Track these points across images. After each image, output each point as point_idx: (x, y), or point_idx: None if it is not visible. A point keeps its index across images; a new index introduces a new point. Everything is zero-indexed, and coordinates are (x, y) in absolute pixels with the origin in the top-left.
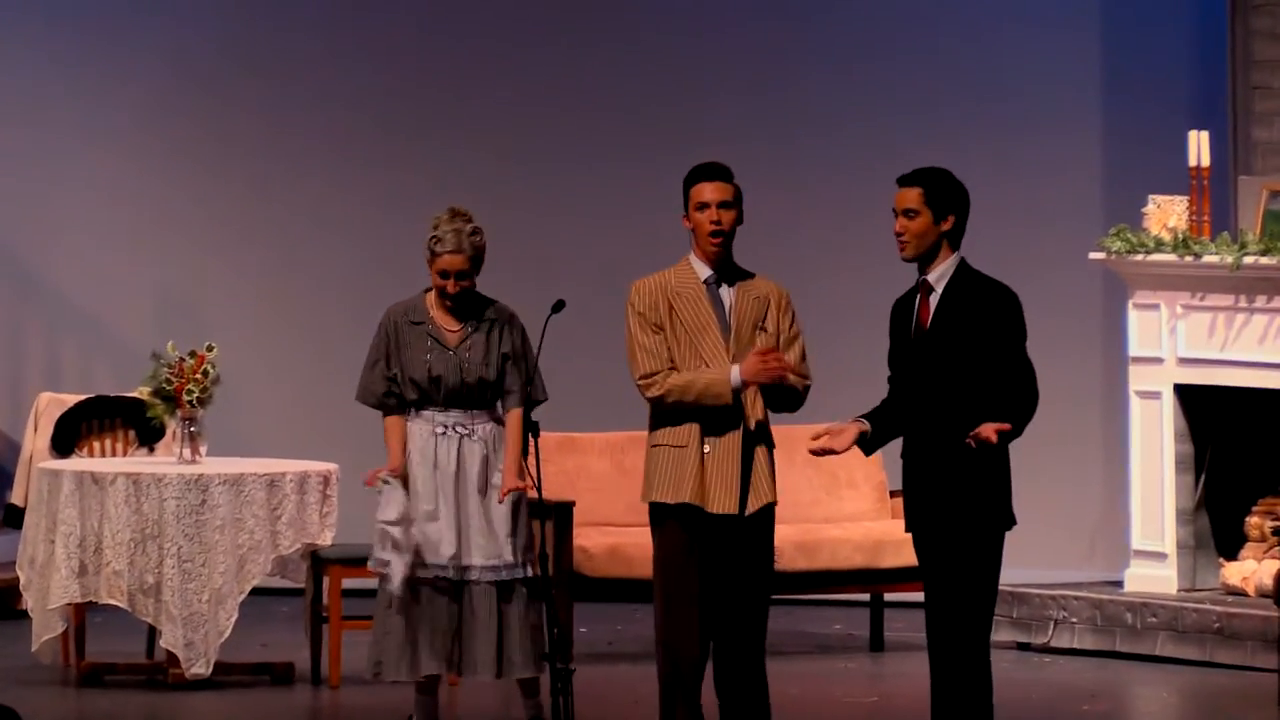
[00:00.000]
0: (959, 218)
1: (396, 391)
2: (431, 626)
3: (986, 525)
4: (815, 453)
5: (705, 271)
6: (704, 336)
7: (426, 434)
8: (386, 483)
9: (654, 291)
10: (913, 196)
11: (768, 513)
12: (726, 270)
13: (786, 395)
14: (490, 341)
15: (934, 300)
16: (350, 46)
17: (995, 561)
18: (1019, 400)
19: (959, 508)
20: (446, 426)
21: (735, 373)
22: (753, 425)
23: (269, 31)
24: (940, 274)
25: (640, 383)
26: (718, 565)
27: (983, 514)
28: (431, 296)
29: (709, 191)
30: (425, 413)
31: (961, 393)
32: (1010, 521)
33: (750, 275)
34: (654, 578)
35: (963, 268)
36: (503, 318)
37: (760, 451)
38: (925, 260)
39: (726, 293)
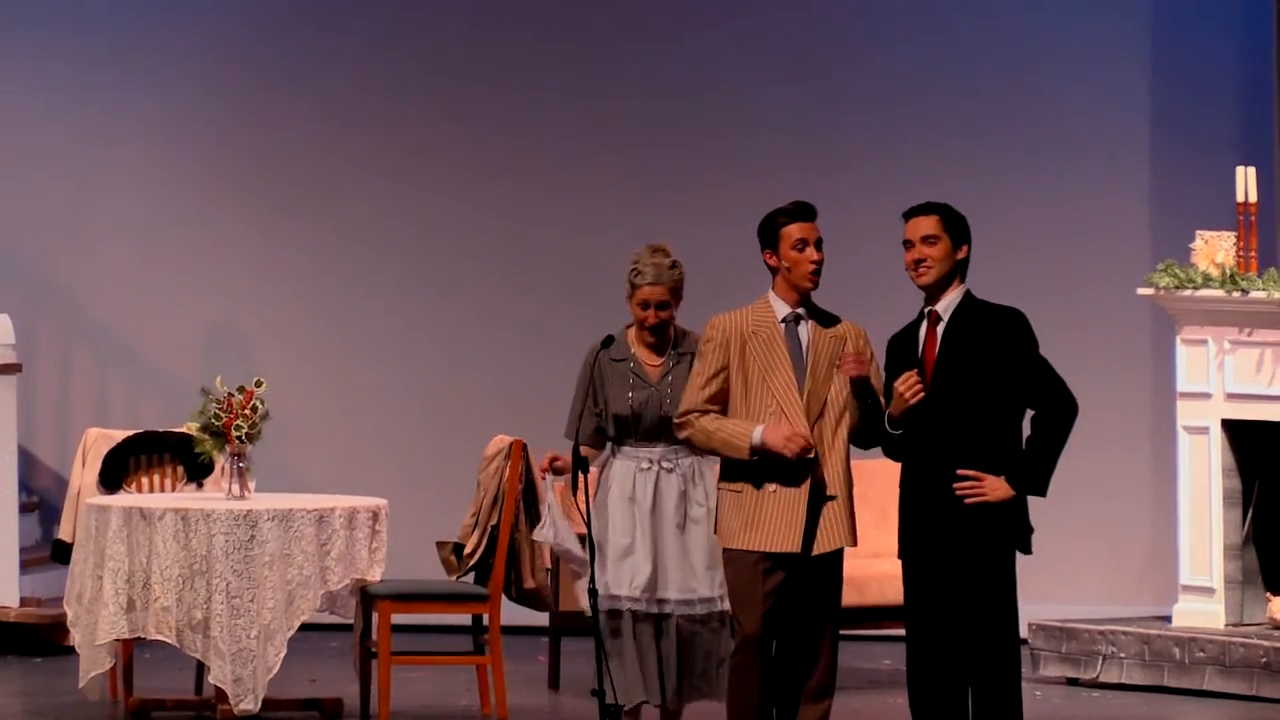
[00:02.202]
0: (969, 248)
1: (603, 427)
2: (633, 656)
3: (1000, 549)
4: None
5: (784, 309)
6: (774, 375)
7: (628, 470)
8: (556, 473)
9: (727, 329)
10: (932, 224)
11: (836, 555)
12: (809, 309)
13: (873, 431)
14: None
15: (941, 330)
16: (391, 88)
17: (1010, 588)
18: (1057, 413)
19: (971, 532)
20: (652, 461)
21: (758, 434)
22: (825, 467)
23: (309, 73)
24: (948, 304)
25: (676, 420)
26: (787, 604)
27: (996, 537)
28: (632, 332)
29: (806, 230)
30: (626, 448)
31: (972, 419)
32: (1025, 547)
33: (832, 316)
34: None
35: (969, 298)
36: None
37: (834, 493)
38: (938, 289)
39: (805, 330)
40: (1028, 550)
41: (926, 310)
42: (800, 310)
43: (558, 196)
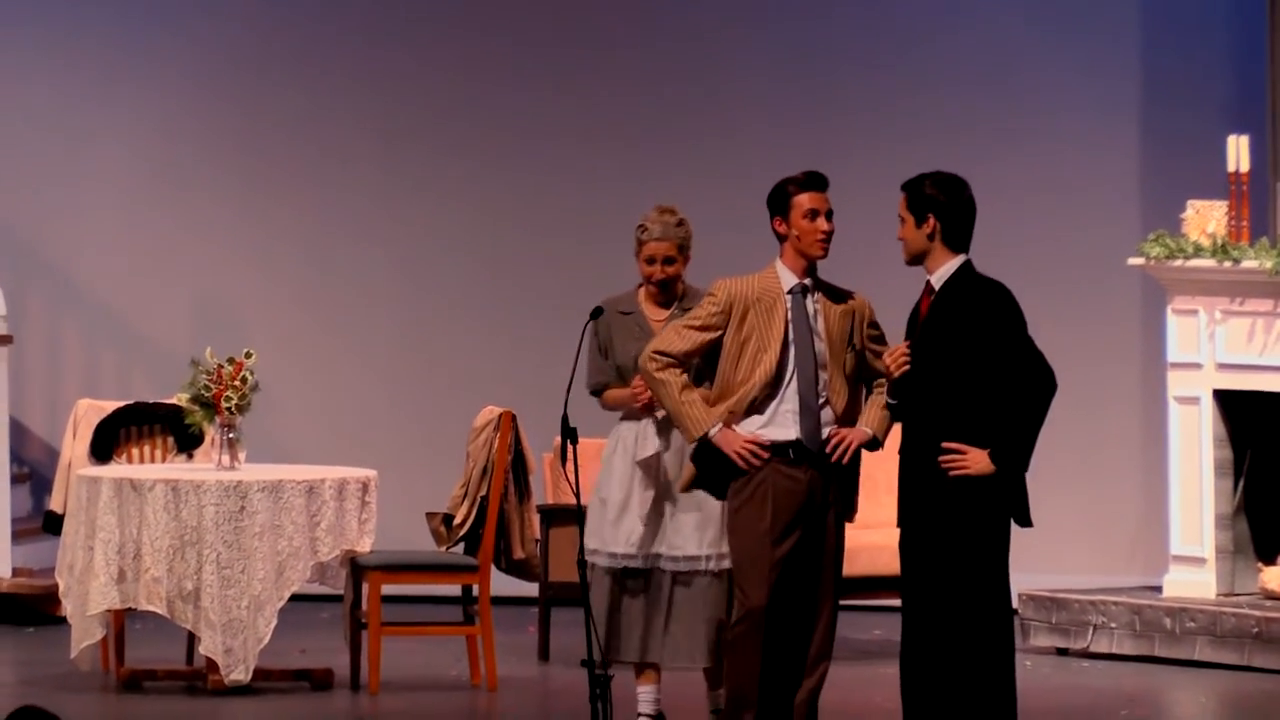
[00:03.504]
0: (942, 219)
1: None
2: (630, 614)
3: (981, 522)
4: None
5: (791, 280)
6: (765, 353)
7: (630, 426)
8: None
9: (732, 294)
10: (900, 202)
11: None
12: (816, 281)
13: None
14: None
15: (932, 301)
16: (386, 49)
17: (995, 561)
18: (1033, 391)
19: (955, 506)
20: (649, 420)
21: (715, 430)
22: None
23: (302, 36)
24: (940, 275)
25: (647, 353)
26: (792, 573)
27: (977, 511)
28: (643, 291)
29: (817, 200)
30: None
31: (951, 391)
32: (1014, 518)
33: (837, 288)
34: None
35: (963, 270)
36: None
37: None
38: (917, 263)
39: (812, 302)
40: (1025, 523)
41: (926, 280)
42: (807, 281)
43: (549, 167)
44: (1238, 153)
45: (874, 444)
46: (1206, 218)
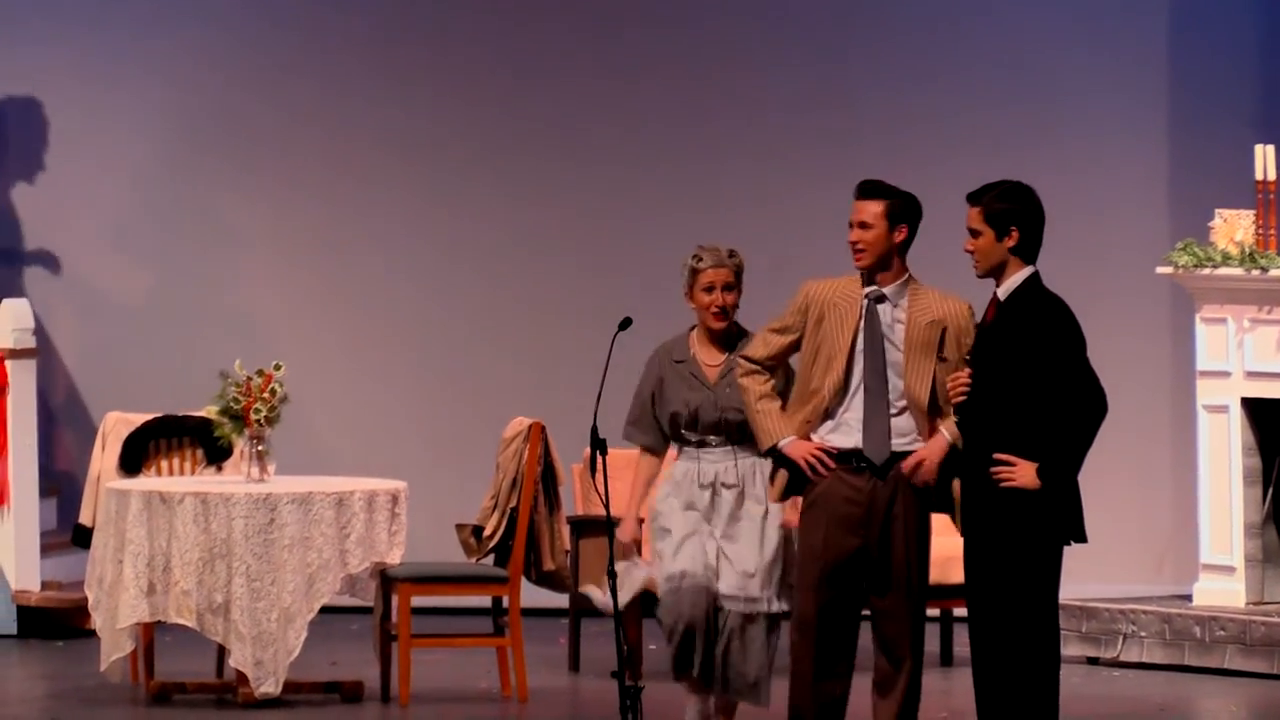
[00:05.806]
0: (1024, 231)
1: (665, 433)
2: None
3: (1033, 536)
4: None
5: (872, 286)
6: (835, 360)
7: (684, 471)
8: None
9: (811, 295)
10: (974, 215)
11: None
12: (902, 287)
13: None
14: None
15: (995, 312)
16: (416, 65)
17: (1044, 575)
18: (1082, 412)
19: (1008, 518)
20: (710, 481)
21: (786, 442)
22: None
23: (332, 49)
24: (1007, 288)
25: (741, 356)
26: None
27: (1030, 525)
28: (694, 335)
29: (851, 209)
30: (688, 449)
31: (1007, 404)
32: (1070, 536)
33: (936, 296)
34: None
35: (1030, 282)
36: None
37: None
38: (998, 275)
39: (888, 310)
40: (1078, 539)
41: (995, 291)
42: (887, 290)
43: (578, 181)
44: (1265, 162)
45: (954, 451)
46: (1234, 226)
